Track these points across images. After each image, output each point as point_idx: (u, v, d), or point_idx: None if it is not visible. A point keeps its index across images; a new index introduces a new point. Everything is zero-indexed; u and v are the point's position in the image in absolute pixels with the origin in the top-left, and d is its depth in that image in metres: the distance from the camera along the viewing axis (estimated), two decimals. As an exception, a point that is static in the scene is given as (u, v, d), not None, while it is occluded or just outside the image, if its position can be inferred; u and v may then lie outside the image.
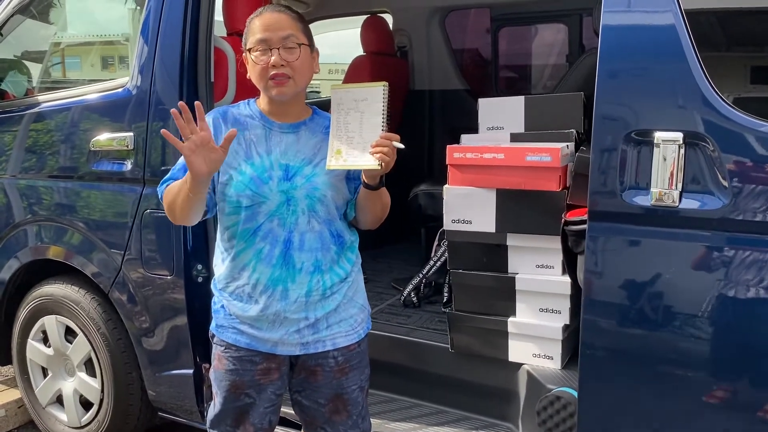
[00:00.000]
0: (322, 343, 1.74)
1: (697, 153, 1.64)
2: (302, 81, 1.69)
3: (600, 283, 1.79)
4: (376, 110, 1.60)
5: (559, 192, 2.08)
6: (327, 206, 1.70)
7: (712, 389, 1.70)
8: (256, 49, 1.65)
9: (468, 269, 2.29)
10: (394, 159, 1.60)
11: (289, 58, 1.64)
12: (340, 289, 1.75)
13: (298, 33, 1.67)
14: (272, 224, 1.67)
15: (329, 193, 1.69)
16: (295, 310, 1.70)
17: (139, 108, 2.43)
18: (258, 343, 1.73)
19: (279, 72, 1.63)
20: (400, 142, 1.59)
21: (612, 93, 1.73)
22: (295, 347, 1.73)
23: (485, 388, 2.34)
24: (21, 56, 3.20)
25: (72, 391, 2.82)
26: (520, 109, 2.37)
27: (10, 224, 2.83)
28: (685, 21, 1.64)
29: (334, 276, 1.73)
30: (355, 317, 1.79)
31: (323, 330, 1.73)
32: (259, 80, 1.67)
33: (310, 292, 1.70)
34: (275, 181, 1.66)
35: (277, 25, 1.65)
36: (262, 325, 1.71)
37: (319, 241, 1.70)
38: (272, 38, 1.64)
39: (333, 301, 1.73)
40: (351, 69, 3.77)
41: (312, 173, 1.68)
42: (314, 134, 1.73)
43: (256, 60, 1.65)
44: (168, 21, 2.38)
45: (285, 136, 1.71)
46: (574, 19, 3.86)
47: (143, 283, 2.50)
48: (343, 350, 1.76)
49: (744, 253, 1.62)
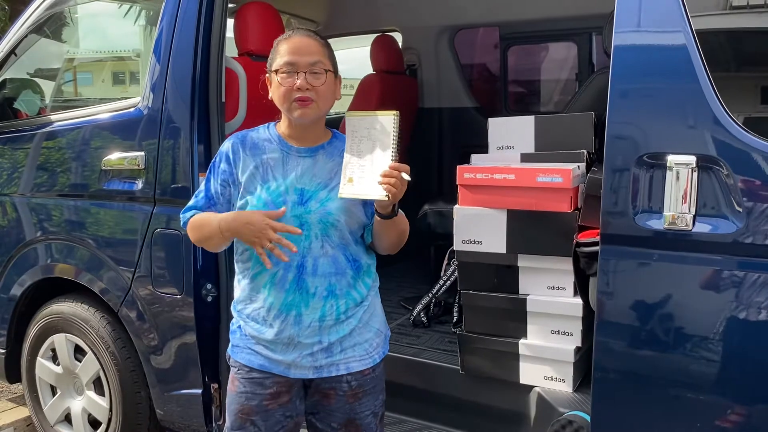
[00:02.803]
0: (335, 367, 1.72)
1: (710, 176, 1.63)
2: (325, 106, 1.70)
3: (613, 306, 1.78)
4: (387, 139, 1.59)
5: (570, 213, 2.07)
6: (341, 231, 1.69)
7: (725, 413, 1.68)
8: (283, 71, 1.65)
9: (478, 290, 2.28)
10: (403, 190, 1.58)
11: (315, 82, 1.65)
12: (356, 314, 1.73)
13: (325, 59, 1.68)
14: (286, 249, 1.66)
15: (342, 218, 1.68)
16: (309, 334, 1.69)
17: (151, 128, 2.45)
18: (271, 364, 1.72)
19: (304, 96, 1.64)
20: (408, 173, 1.56)
21: (624, 114, 1.73)
22: (308, 370, 1.72)
23: (496, 411, 2.32)
24: (34, 73, 3.23)
25: (80, 409, 2.81)
26: (531, 129, 2.37)
27: (21, 242, 2.84)
28: (696, 41, 1.64)
29: (350, 301, 1.72)
30: (370, 342, 1.77)
31: (337, 354, 1.72)
32: (282, 101, 1.67)
33: (323, 317, 1.69)
34: (289, 206, 1.66)
35: (306, 49, 1.66)
36: (276, 347, 1.71)
37: (333, 266, 1.69)
38: (300, 62, 1.65)
39: (348, 326, 1.72)
40: (361, 88, 3.78)
41: (326, 198, 1.68)
42: (331, 158, 1.72)
43: (282, 81, 1.65)
44: (180, 41, 2.40)
45: (302, 160, 1.71)
46: (583, 38, 3.87)
47: (153, 301, 2.50)
48: (356, 375, 1.74)
49: (757, 278, 1.60)
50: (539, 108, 4.29)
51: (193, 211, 1.77)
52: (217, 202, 1.75)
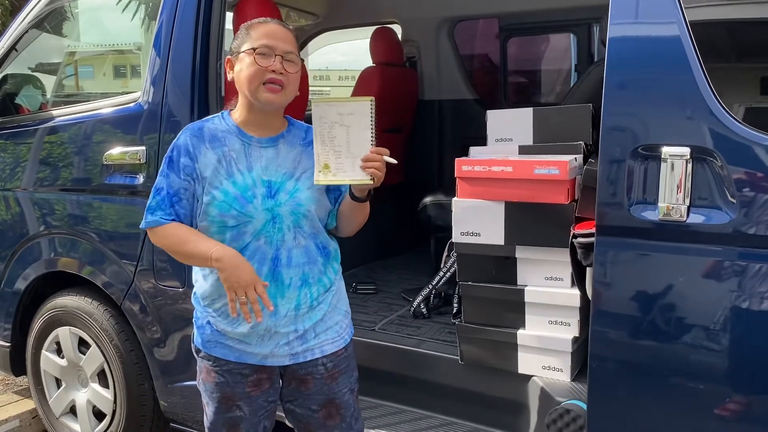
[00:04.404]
0: (311, 352, 1.76)
1: (705, 167, 1.64)
2: (290, 95, 1.71)
3: (608, 296, 1.80)
4: (365, 125, 1.60)
5: (567, 205, 2.09)
6: (311, 221, 1.71)
7: (719, 401, 1.70)
8: (261, 51, 1.65)
9: (477, 281, 2.29)
10: (384, 173, 1.62)
11: (290, 69, 1.67)
12: (326, 299, 1.77)
13: (297, 54, 1.71)
14: (259, 242, 1.67)
15: (313, 207, 1.70)
16: (285, 324, 1.72)
17: (151, 122, 2.47)
18: (247, 356, 1.74)
19: (276, 78, 1.64)
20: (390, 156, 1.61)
21: (619, 105, 1.74)
22: (284, 358, 1.75)
23: (495, 400, 2.34)
24: (35, 68, 3.25)
25: (85, 401, 2.85)
26: (529, 121, 2.37)
27: (25, 236, 2.87)
28: (690, 33, 1.64)
29: (321, 287, 1.75)
30: (340, 323, 1.82)
31: (311, 339, 1.76)
32: (250, 82, 1.65)
33: (299, 306, 1.72)
34: (259, 200, 1.66)
35: (284, 37, 1.69)
36: (251, 340, 1.73)
37: (306, 256, 1.71)
38: (278, 47, 1.66)
39: (320, 311, 1.76)
40: (360, 80, 3.78)
41: (295, 188, 1.69)
42: (293, 147, 1.74)
43: (258, 61, 1.64)
44: (179, 35, 2.41)
45: (264, 150, 1.71)
46: (582, 29, 3.87)
47: (155, 294, 2.52)
48: (331, 356, 1.79)
49: (752, 268, 1.62)
50: (539, 99, 4.29)
51: (160, 214, 1.69)
52: (182, 197, 1.69)
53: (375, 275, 3.55)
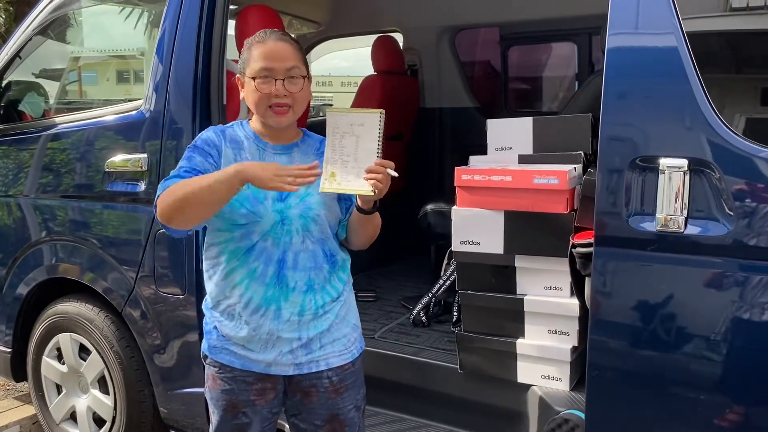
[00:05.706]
0: (315, 363, 1.74)
1: (702, 179, 1.65)
2: (300, 110, 1.73)
3: (607, 306, 1.81)
4: (372, 137, 1.62)
5: (566, 214, 2.10)
6: (321, 225, 1.72)
7: (716, 411, 1.70)
8: (260, 76, 1.66)
9: (476, 290, 2.30)
10: (387, 186, 1.62)
11: (293, 89, 1.68)
12: (333, 309, 1.76)
13: (301, 64, 1.70)
14: (266, 243, 1.68)
15: (322, 213, 1.71)
16: (288, 329, 1.70)
17: (153, 130, 2.48)
18: (251, 364, 1.74)
19: (281, 102, 1.66)
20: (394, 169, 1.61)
21: (617, 116, 1.75)
22: (288, 367, 1.74)
23: (494, 409, 2.35)
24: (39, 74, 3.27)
25: (85, 408, 2.85)
26: (529, 130, 2.38)
27: (27, 242, 2.88)
28: (687, 44, 1.66)
29: (326, 295, 1.74)
30: (348, 336, 1.79)
31: (316, 350, 1.74)
32: (257, 107, 1.68)
33: (303, 311, 1.71)
34: (270, 201, 1.68)
35: (283, 54, 1.68)
36: (254, 346, 1.72)
37: (313, 261, 1.72)
38: (277, 68, 1.66)
39: (326, 321, 1.74)
40: (361, 88, 3.81)
41: (305, 193, 1.70)
42: (306, 156, 1.75)
43: (259, 87, 1.66)
44: (182, 43, 2.42)
45: (278, 157, 1.74)
46: (583, 38, 3.88)
47: (156, 301, 2.53)
48: (337, 370, 1.77)
49: (749, 279, 1.63)
50: (540, 108, 4.31)
51: (176, 179, 1.64)
52: (203, 172, 1.66)
53: (375, 282, 3.56)
